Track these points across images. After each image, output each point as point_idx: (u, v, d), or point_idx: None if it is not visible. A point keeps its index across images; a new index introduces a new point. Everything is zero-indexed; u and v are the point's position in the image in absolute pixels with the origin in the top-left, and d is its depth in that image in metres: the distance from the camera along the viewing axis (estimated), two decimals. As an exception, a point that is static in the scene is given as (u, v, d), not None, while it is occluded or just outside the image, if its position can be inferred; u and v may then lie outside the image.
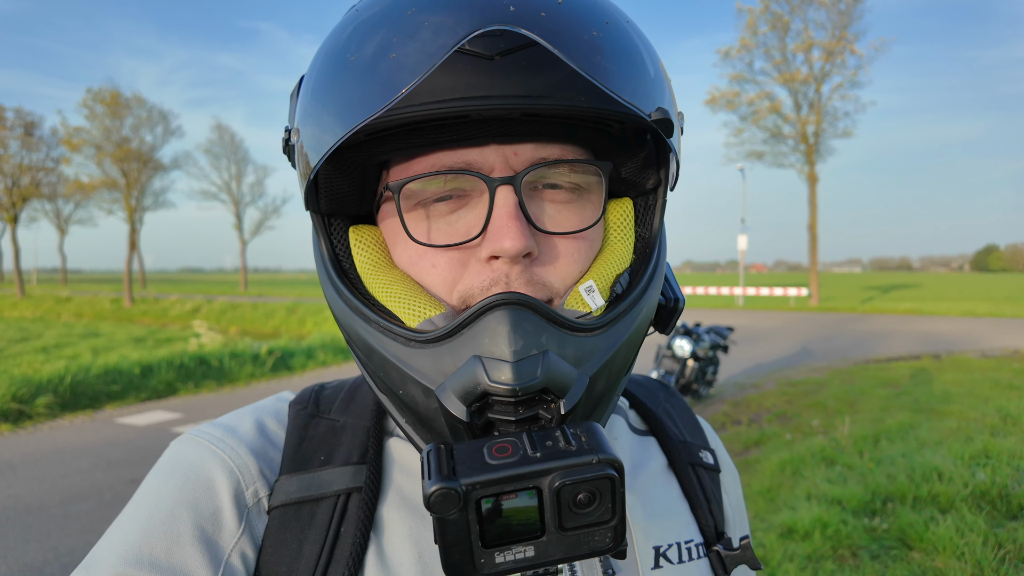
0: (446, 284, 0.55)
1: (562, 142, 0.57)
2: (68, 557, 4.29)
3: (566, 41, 0.47)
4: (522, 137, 0.55)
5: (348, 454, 0.63)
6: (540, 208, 0.56)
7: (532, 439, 0.47)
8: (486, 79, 0.46)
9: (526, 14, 0.47)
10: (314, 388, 0.72)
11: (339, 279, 0.58)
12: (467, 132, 0.53)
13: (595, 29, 0.49)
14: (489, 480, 0.43)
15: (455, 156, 0.55)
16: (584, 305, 0.56)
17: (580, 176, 0.58)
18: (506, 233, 0.51)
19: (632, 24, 0.55)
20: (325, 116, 0.51)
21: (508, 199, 0.53)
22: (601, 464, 0.45)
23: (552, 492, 0.44)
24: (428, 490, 0.43)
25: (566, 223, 0.57)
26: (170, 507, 0.56)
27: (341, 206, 0.61)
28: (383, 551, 0.58)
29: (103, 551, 0.55)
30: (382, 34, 0.48)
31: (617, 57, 0.50)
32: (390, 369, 0.54)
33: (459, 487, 0.43)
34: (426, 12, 0.47)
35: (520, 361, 0.48)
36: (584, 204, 0.58)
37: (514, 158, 0.55)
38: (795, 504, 4.60)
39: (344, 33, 0.53)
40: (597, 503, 0.45)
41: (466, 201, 0.56)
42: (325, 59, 0.53)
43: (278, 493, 0.59)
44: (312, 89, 0.54)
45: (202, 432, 0.63)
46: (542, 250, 0.55)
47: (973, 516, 4.07)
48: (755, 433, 6.92)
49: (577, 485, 0.44)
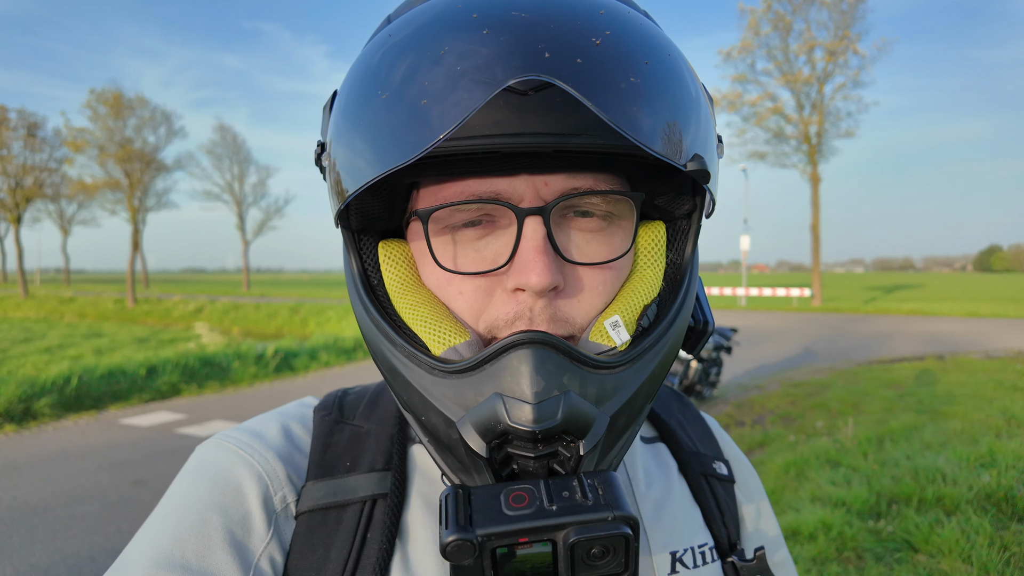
0: (472, 312, 0.55)
1: (595, 171, 0.56)
2: (73, 558, 4.30)
3: (600, 90, 0.45)
4: (553, 168, 0.54)
5: (373, 460, 0.63)
6: (568, 237, 0.56)
7: (549, 489, 0.47)
8: (518, 116, 0.46)
9: (561, 60, 0.45)
10: (337, 394, 0.72)
11: (368, 297, 0.58)
12: (498, 163, 0.53)
13: (633, 74, 0.47)
14: (504, 532, 0.44)
15: (485, 185, 0.54)
16: (609, 339, 0.55)
17: (612, 204, 0.57)
18: (532, 268, 0.51)
19: (674, 56, 0.53)
20: (358, 143, 0.50)
21: (536, 231, 0.52)
22: (616, 521, 0.45)
23: (567, 546, 0.45)
24: (444, 540, 0.44)
25: (594, 254, 0.56)
26: (200, 511, 0.57)
27: (371, 223, 0.61)
28: (408, 557, 0.59)
29: (134, 554, 0.55)
30: (416, 70, 0.47)
31: (653, 105, 0.48)
32: (413, 394, 0.54)
33: (475, 538, 0.44)
34: (459, 52, 0.46)
35: (541, 403, 0.48)
36: (614, 232, 0.57)
37: (544, 188, 0.54)
38: (799, 506, 4.60)
39: (376, 57, 0.52)
40: (611, 557, 0.46)
41: (494, 228, 0.55)
42: (357, 82, 0.52)
43: (305, 498, 0.60)
44: (344, 111, 0.53)
45: (229, 437, 0.63)
46: (568, 281, 0.55)
47: (978, 518, 4.06)
48: (759, 434, 6.91)
49: (591, 541, 0.45)
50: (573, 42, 0.46)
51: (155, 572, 0.53)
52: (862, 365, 11.74)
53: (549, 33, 0.46)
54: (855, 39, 27.65)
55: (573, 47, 0.46)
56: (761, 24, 28.46)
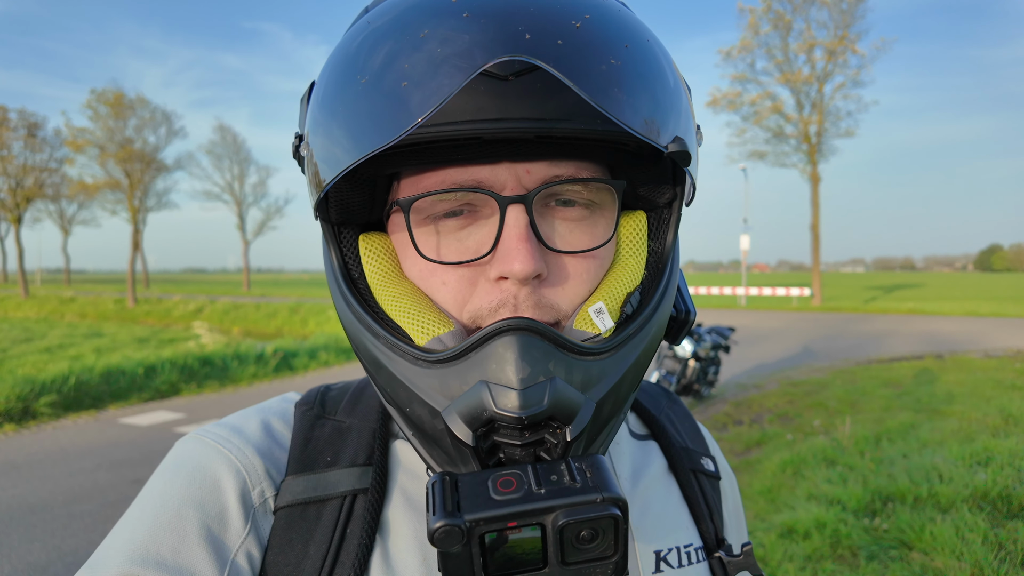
0: (456, 302, 0.55)
1: (576, 159, 0.56)
2: (71, 557, 4.31)
3: (581, 72, 0.45)
4: (535, 155, 0.54)
5: (354, 455, 0.63)
6: (551, 226, 0.55)
7: (537, 473, 0.47)
8: (499, 102, 0.46)
9: (541, 42, 0.45)
10: (320, 389, 0.72)
11: (348, 290, 0.58)
12: (479, 151, 0.53)
13: (613, 56, 0.47)
14: (493, 517, 0.44)
15: (466, 173, 0.54)
16: (593, 326, 0.55)
17: (594, 193, 0.57)
18: (516, 256, 0.51)
19: (652, 43, 0.53)
20: (335, 131, 0.50)
21: (519, 219, 0.52)
22: (605, 503, 0.45)
23: (555, 529, 0.44)
24: (432, 526, 0.43)
25: (577, 242, 0.56)
26: (176, 506, 0.56)
27: (351, 215, 0.61)
28: (388, 553, 0.58)
29: (109, 550, 0.55)
30: (394, 55, 0.47)
31: (634, 86, 0.48)
32: (397, 386, 0.54)
33: (463, 524, 0.43)
34: (438, 36, 0.46)
35: (527, 389, 0.48)
36: (596, 221, 0.57)
37: (526, 176, 0.54)
38: (795, 504, 4.60)
39: (354, 43, 0.51)
40: (600, 539, 0.45)
41: (476, 218, 0.55)
42: (335, 70, 0.52)
43: (284, 493, 0.59)
44: (322, 100, 0.52)
45: (208, 432, 0.63)
46: (552, 269, 0.55)
47: (973, 516, 4.07)
48: (756, 433, 6.91)
49: (580, 523, 0.44)
50: (553, 25, 0.46)
51: (129, 568, 0.52)
52: (861, 364, 11.74)
53: (529, 16, 0.46)
54: (855, 38, 27.63)
55: (553, 30, 0.46)
56: (761, 23, 28.44)
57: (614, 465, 0.70)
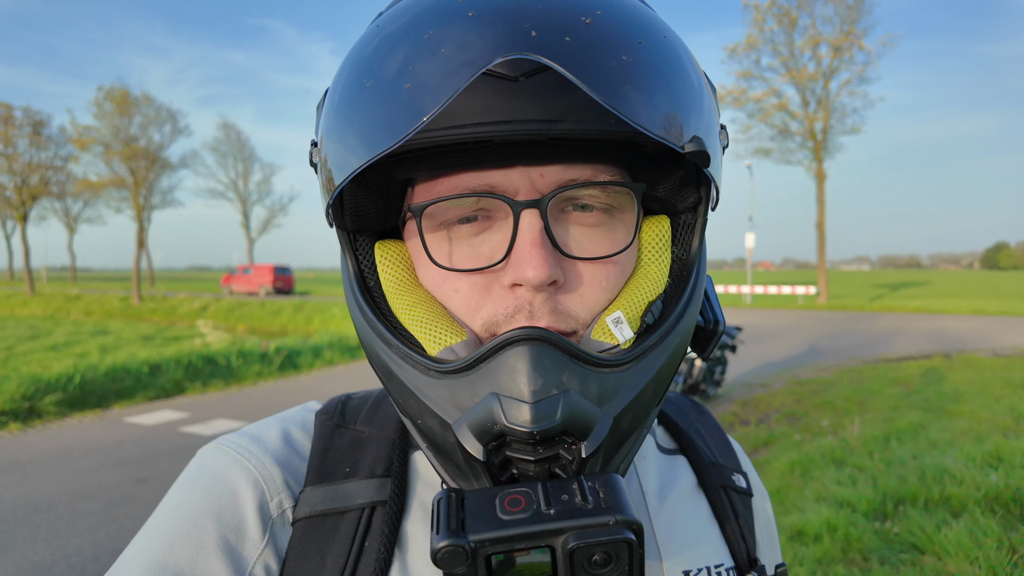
0: (469, 310, 0.54)
1: (593, 162, 0.54)
2: (76, 556, 4.31)
3: (591, 69, 0.43)
4: (549, 158, 0.52)
5: (373, 466, 0.62)
6: (567, 232, 0.54)
7: (547, 492, 0.45)
8: (508, 102, 0.45)
9: (548, 39, 0.43)
10: (341, 398, 0.71)
11: (363, 298, 0.57)
12: (492, 155, 0.51)
13: (625, 53, 0.45)
14: (499, 537, 0.42)
15: (478, 178, 0.52)
16: (612, 336, 0.53)
17: (612, 196, 0.55)
18: (529, 261, 0.49)
19: (670, 38, 0.51)
20: (347, 135, 0.49)
21: (533, 224, 0.51)
22: (618, 526, 0.42)
23: (565, 553, 0.42)
24: (436, 546, 0.41)
25: (594, 248, 0.54)
26: (194, 517, 0.56)
27: (366, 223, 0.60)
28: (407, 566, 0.57)
29: (127, 560, 0.55)
30: (401, 56, 0.47)
31: (648, 84, 0.46)
32: (408, 397, 0.53)
33: (467, 544, 0.41)
34: (444, 36, 0.45)
35: (539, 402, 0.46)
36: (616, 226, 0.55)
37: (540, 180, 0.52)
38: (804, 506, 4.57)
39: (363, 48, 0.51)
40: (613, 565, 0.43)
41: (490, 224, 0.54)
42: (347, 76, 0.52)
43: (302, 505, 0.59)
44: (335, 106, 0.52)
45: (228, 441, 0.63)
46: (568, 276, 0.53)
47: (986, 519, 4.02)
48: (764, 433, 6.88)
49: (592, 547, 0.42)
50: (562, 22, 0.44)
51: None
52: (868, 363, 11.69)
53: (537, 13, 0.45)
54: (860, 35, 27.55)
55: (561, 26, 0.44)
56: (766, 20, 28.38)
57: (640, 480, 0.68)
